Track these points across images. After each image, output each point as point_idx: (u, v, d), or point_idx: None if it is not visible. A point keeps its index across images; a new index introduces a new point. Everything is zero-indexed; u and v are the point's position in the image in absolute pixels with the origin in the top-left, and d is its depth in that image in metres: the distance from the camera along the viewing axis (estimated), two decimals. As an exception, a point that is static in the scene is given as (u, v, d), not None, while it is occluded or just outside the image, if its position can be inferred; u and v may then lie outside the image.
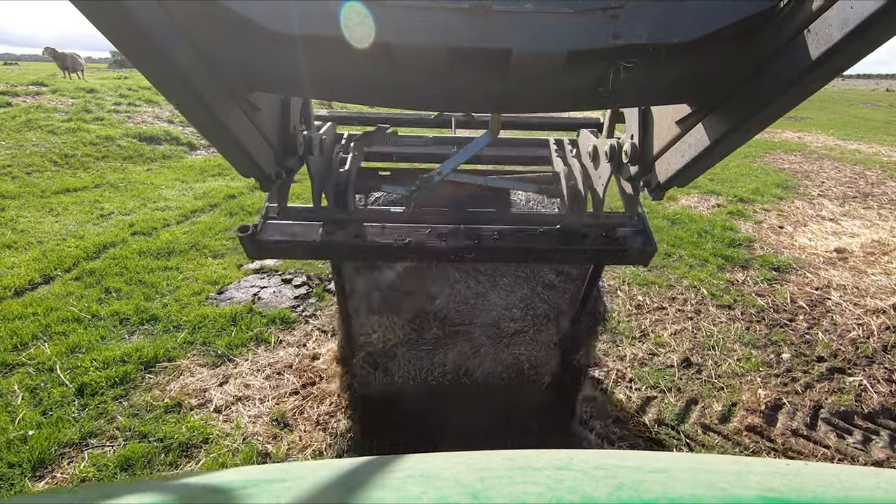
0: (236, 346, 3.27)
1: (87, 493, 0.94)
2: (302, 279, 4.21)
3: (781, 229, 6.00)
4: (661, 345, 3.51)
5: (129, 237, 5.06)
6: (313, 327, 3.56)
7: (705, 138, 1.08)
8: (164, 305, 3.75)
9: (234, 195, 6.72)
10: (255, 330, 3.44)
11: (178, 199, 6.41)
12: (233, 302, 3.84)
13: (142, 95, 11.64)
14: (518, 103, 1.05)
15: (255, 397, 2.83)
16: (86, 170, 7.48)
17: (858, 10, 0.70)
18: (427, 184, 1.68)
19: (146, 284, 4.06)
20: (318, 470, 0.77)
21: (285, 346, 3.33)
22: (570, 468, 0.68)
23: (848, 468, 0.80)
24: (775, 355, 3.43)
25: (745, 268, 4.89)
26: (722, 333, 3.68)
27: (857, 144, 13.27)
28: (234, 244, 5.02)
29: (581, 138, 1.88)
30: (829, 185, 8.41)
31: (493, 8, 0.83)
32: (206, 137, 1.09)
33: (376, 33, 0.82)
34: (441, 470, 0.70)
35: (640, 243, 1.63)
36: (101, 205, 6.02)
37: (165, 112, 10.84)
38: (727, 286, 4.46)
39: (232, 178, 7.63)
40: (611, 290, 4.32)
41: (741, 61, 0.94)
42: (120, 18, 0.72)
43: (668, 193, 7.63)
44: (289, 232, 1.57)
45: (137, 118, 10.10)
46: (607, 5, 0.85)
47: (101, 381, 2.84)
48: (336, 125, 1.99)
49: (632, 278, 4.52)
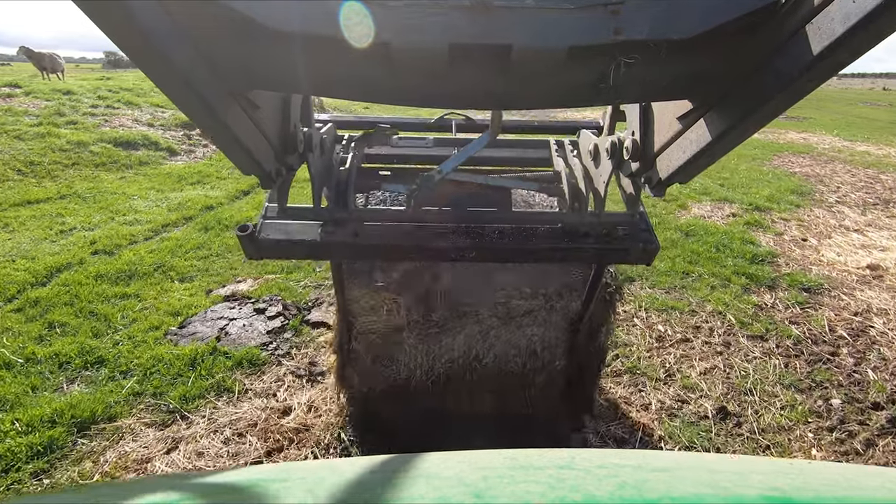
0: (192, 397, 2.76)
1: (88, 492, 0.92)
2: (277, 308, 3.70)
3: (805, 242, 5.54)
4: (690, 388, 3.03)
5: (88, 257, 4.54)
6: (286, 370, 3.06)
7: (707, 134, 1.07)
8: (114, 344, 3.23)
9: (211, 206, 6.20)
10: (218, 376, 2.93)
11: (150, 212, 5.88)
12: (195, 338, 3.32)
13: (122, 97, 11.08)
14: (519, 100, 1.05)
15: (209, 468, 2.32)
16: (52, 178, 6.94)
17: (861, 4, 0.70)
18: (427, 183, 1.67)
19: (97, 317, 3.54)
20: (319, 470, 0.78)
21: (251, 396, 2.82)
22: (573, 467, 0.68)
23: (851, 467, 0.81)
24: (823, 401, 2.96)
25: (772, 288, 4.42)
26: (758, 373, 3.20)
27: (866, 146, 12.88)
28: (205, 265, 4.51)
29: (581, 138, 1.84)
30: (846, 191, 7.97)
31: (493, 4, 0.83)
32: (206, 135, 1.09)
33: (376, 33, 0.82)
34: (443, 469, 0.70)
35: (642, 242, 1.58)
36: (63, 219, 5.49)
37: (146, 115, 10.29)
38: (755, 311, 3.99)
39: (211, 187, 7.12)
40: (626, 318, 3.84)
41: (742, 57, 0.94)
42: (121, 18, 0.73)
43: (679, 202, 7.19)
44: (288, 231, 1.54)
45: (115, 122, 9.54)
46: (608, 1, 0.84)
47: (20, 450, 2.33)
48: (336, 128, 1.96)
49: (649, 303, 4.04)
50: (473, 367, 2.19)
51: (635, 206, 1.57)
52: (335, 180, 1.72)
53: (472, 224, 1.56)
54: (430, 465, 0.72)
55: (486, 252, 1.53)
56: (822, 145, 12.79)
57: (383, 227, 1.56)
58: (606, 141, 1.49)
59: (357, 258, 1.92)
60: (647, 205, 6.80)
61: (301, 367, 3.09)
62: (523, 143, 2.15)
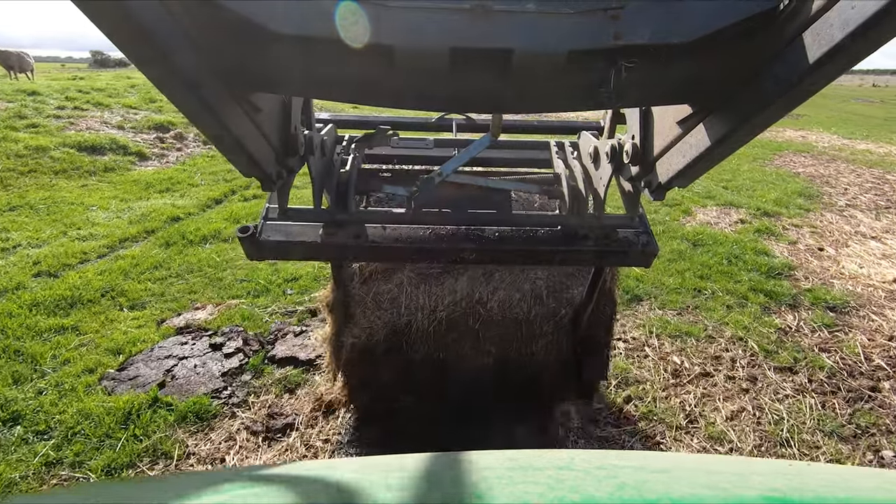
0: (120, 467, 2.27)
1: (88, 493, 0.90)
2: (236, 343, 3.20)
3: (822, 252, 5.14)
4: (717, 438, 2.59)
5: (28, 280, 4.00)
6: (240, 425, 2.57)
7: (706, 139, 1.07)
8: (36, 394, 2.72)
9: (178, 217, 5.67)
10: (155, 436, 2.43)
11: (108, 225, 5.34)
12: (135, 384, 2.82)
13: (92, 98, 10.48)
14: (519, 104, 1.04)
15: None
16: (4, 188, 6.36)
17: (860, 10, 0.69)
18: (428, 185, 1.68)
19: (24, 357, 3.02)
20: (320, 470, 0.79)
21: (193, 462, 2.33)
22: (572, 468, 0.68)
23: (850, 469, 0.84)
24: (873, 453, 2.53)
25: (793, 307, 4.00)
26: (793, 416, 2.76)
27: (866, 144, 12.60)
28: (161, 288, 4.00)
29: (582, 140, 1.84)
30: (854, 193, 7.61)
31: (494, 8, 0.83)
32: (206, 137, 1.05)
33: (375, 34, 0.82)
34: (443, 470, 0.70)
35: (641, 244, 1.59)
36: (8, 234, 4.93)
37: (116, 117, 9.69)
38: (779, 337, 3.56)
39: (181, 196, 6.58)
40: (637, 347, 3.39)
41: (742, 62, 0.94)
42: (121, 18, 0.72)
43: (682, 207, 6.76)
44: (289, 232, 1.54)
45: (81, 124, 8.94)
46: (608, 6, 0.84)
47: None
48: (337, 128, 1.95)
49: (661, 327, 3.59)
50: (477, 312, 2.14)
51: (635, 209, 1.56)
52: (336, 182, 1.72)
53: (472, 226, 1.57)
54: (431, 465, 0.72)
55: (486, 254, 1.54)
56: (821, 144, 12.48)
57: (384, 228, 1.56)
58: (606, 144, 1.49)
59: (357, 259, 1.91)
60: (650, 210, 6.37)
61: (258, 420, 2.60)
62: (524, 145, 2.14)
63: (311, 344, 3.23)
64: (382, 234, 1.54)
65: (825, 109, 21.52)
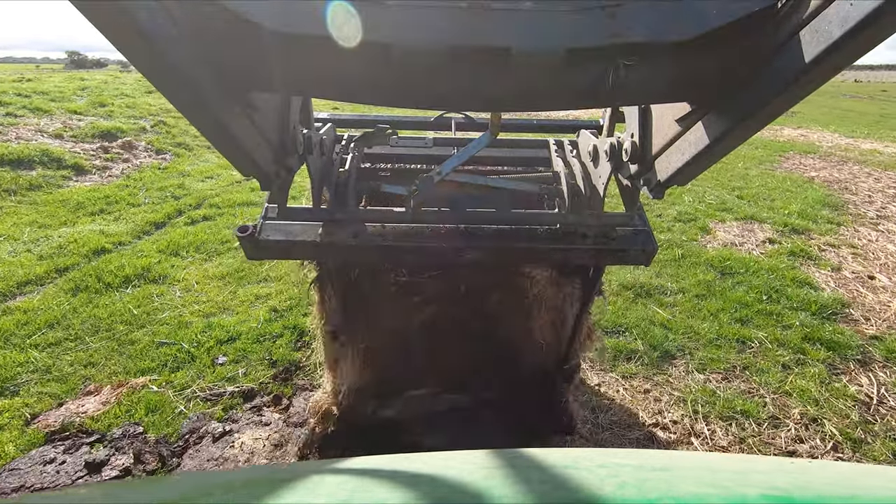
0: None
1: (88, 492, 0.89)
2: (125, 458, 2.25)
3: (873, 281, 4.35)
4: None
5: None
6: None
7: (705, 137, 1.07)
8: None
9: (103, 249, 4.66)
10: None
11: (10, 262, 4.32)
12: (-49, 548, 1.86)
13: (31, 103, 9.33)
14: (517, 102, 1.05)
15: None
16: None
17: (858, 7, 0.69)
18: (426, 184, 1.66)
19: None
20: (320, 470, 0.77)
21: None
22: (575, 467, 0.67)
23: (853, 466, 0.79)
24: None
25: (864, 364, 3.18)
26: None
27: (871, 143, 12.00)
28: (49, 359, 3.02)
29: (581, 138, 1.83)
30: (882, 202, 6.90)
31: (492, 6, 0.85)
32: (205, 136, 1.06)
33: (370, 31, 0.82)
34: (444, 469, 0.70)
35: (640, 243, 1.57)
36: None
37: (55, 124, 8.56)
38: (861, 412, 2.73)
39: (115, 219, 5.56)
40: (682, 436, 2.53)
41: (741, 59, 0.93)
42: (119, 18, 0.72)
43: (699, 223, 5.89)
44: (288, 232, 1.53)
45: (11, 133, 7.81)
46: (605, 3, 0.85)
47: None
48: (335, 127, 1.94)
49: (707, 402, 2.74)
50: None
51: (634, 208, 1.55)
52: (335, 181, 1.72)
53: (471, 225, 1.57)
54: (431, 465, 0.72)
55: (485, 252, 1.54)
56: (825, 144, 11.85)
57: (383, 227, 1.56)
58: (605, 143, 1.49)
59: (357, 259, 1.86)
60: (663, 228, 5.55)
61: None
62: (523, 143, 2.14)
63: (234, 455, 2.30)
64: (381, 233, 1.54)
65: (817, 106, 21.10)
